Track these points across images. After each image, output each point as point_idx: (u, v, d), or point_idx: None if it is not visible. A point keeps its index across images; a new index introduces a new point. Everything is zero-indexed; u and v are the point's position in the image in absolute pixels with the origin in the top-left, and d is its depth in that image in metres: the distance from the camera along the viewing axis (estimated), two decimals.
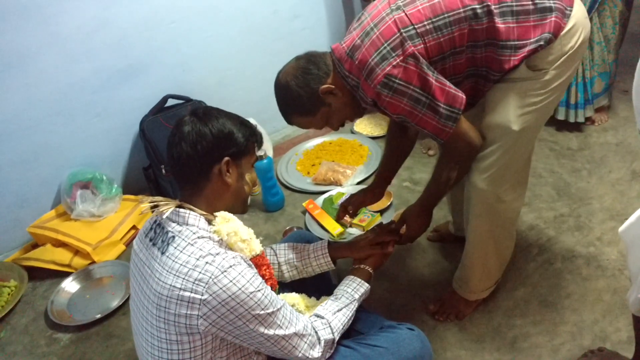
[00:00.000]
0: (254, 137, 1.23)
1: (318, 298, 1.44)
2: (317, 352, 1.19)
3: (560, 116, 2.57)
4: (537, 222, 2.10)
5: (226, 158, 1.16)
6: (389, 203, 2.27)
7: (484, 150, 1.46)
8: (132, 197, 2.50)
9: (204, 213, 1.15)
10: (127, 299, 2.05)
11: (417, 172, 2.52)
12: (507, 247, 1.69)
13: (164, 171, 2.35)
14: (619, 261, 1.86)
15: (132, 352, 1.86)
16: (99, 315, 1.99)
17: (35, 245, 2.35)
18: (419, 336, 1.36)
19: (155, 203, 1.16)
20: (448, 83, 1.33)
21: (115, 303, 2.04)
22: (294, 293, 1.43)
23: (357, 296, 1.35)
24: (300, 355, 1.16)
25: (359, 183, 2.50)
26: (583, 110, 2.53)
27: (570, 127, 2.61)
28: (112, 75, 2.38)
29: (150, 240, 1.16)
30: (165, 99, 2.51)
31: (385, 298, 1.89)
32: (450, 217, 2.03)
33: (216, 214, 1.17)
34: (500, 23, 1.31)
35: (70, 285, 2.15)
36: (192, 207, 1.15)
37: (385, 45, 1.29)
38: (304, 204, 2.38)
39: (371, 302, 1.85)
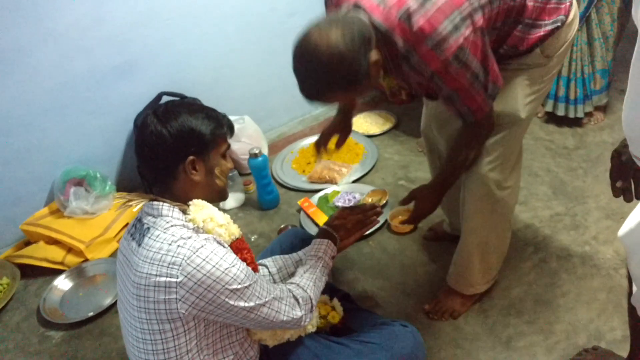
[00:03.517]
0: (220, 129, 1.18)
1: None
2: (299, 311, 1.20)
3: (560, 112, 2.57)
4: (533, 220, 2.09)
5: (190, 157, 1.13)
6: (384, 202, 2.26)
7: (493, 139, 1.48)
8: (126, 194, 2.48)
9: (177, 203, 1.15)
10: None
11: (412, 171, 2.52)
12: (506, 237, 1.70)
13: None
14: (614, 260, 1.86)
15: (124, 350, 1.83)
16: (91, 313, 1.98)
17: (28, 243, 2.34)
18: (412, 332, 1.36)
19: (128, 199, 1.16)
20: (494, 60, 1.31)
21: (108, 301, 2.02)
22: None
23: (319, 254, 1.34)
24: (285, 318, 1.17)
25: (354, 181, 2.49)
26: (582, 106, 2.53)
27: (568, 125, 2.61)
28: (107, 73, 2.37)
29: (131, 235, 1.16)
30: (159, 96, 2.49)
31: (379, 296, 1.88)
32: (445, 216, 2.02)
33: (189, 202, 1.15)
34: (529, 1, 1.33)
35: (63, 283, 2.14)
36: (164, 199, 1.14)
37: (456, 14, 1.19)
38: (299, 202, 2.37)
39: (365, 300, 1.85)
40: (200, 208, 1.14)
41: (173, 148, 1.12)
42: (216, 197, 1.22)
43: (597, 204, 2.12)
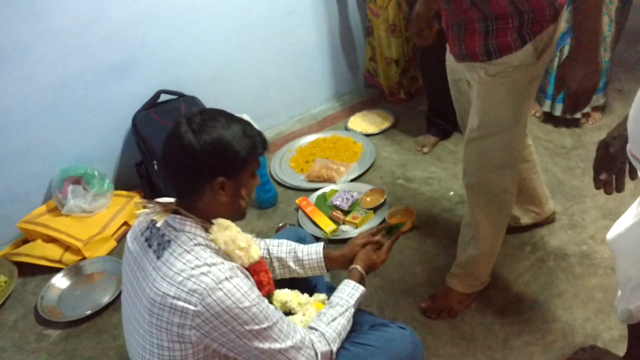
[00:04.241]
0: (255, 149, 1.12)
1: (311, 294, 1.42)
2: None
3: (557, 112, 2.57)
4: None
5: (220, 178, 1.08)
6: (382, 200, 2.26)
7: (489, 146, 1.50)
8: (124, 192, 2.48)
9: (201, 220, 1.12)
10: (118, 296, 2.03)
11: (410, 170, 2.52)
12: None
13: (156, 167, 2.34)
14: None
15: (122, 348, 1.84)
16: (89, 312, 1.98)
17: (25, 241, 2.33)
18: (411, 335, 1.35)
19: (151, 209, 1.13)
20: None
21: (106, 299, 2.02)
22: (286, 290, 1.42)
23: (352, 302, 1.29)
24: None
25: (352, 180, 2.49)
26: None
27: (565, 125, 2.61)
28: (105, 70, 2.36)
29: (146, 240, 1.13)
30: (158, 95, 2.49)
31: (376, 295, 1.88)
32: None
33: (213, 220, 1.13)
34: None
35: (60, 281, 2.13)
36: (188, 214, 1.12)
37: None
38: (297, 201, 2.37)
39: (363, 299, 1.85)
40: (223, 228, 1.12)
41: (203, 165, 1.07)
42: (236, 217, 1.18)
43: (594, 204, 2.12)
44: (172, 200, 1.21)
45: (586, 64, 1.30)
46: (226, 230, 1.13)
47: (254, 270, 1.18)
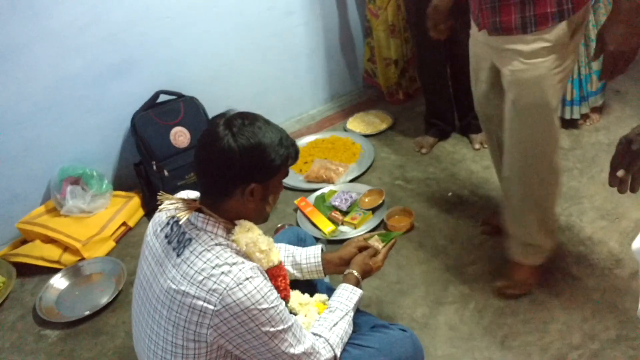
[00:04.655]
0: (289, 159, 1.14)
1: (311, 294, 1.43)
2: None
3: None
4: None
5: (252, 185, 1.09)
6: (380, 201, 2.26)
7: (531, 131, 1.51)
8: (122, 193, 2.49)
9: (224, 220, 1.13)
10: (117, 296, 2.04)
11: (409, 171, 2.53)
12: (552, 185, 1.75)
13: (154, 167, 2.34)
14: (609, 260, 1.87)
15: (121, 349, 1.85)
16: (87, 312, 1.98)
17: (24, 241, 2.33)
18: (412, 337, 1.35)
19: (175, 205, 1.13)
20: None
21: (104, 300, 2.02)
22: None
23: (351, 305, 1.31)
24: None
25: (351, 181, 2.49)
26: (579, 107, 2.53)
27: (564, 126, 2.61)
28: (104, 71, 2.37)
29: (166, 237, 1.14)
30: (157, 95, 2.49)
31: (376, 296, 1.89)
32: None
33: (236, 222, 1.14)
34: None
35: (59, 282, 2.14)
36: (211, 213, 1.12)
37: None
38: (295, 202, 2.38)
39: (361, 300, 1.85)
40: (245, 230, 1.13)
41: (238, 169, 1.08)
42: (259, 221, 1.20)
43: (592, 204, 2.13)
44: (193, 196, 1.22)
45: (626, 25, 1.27)
46: (248, 232, 1.14)
47: (272, 274, 1.18)
